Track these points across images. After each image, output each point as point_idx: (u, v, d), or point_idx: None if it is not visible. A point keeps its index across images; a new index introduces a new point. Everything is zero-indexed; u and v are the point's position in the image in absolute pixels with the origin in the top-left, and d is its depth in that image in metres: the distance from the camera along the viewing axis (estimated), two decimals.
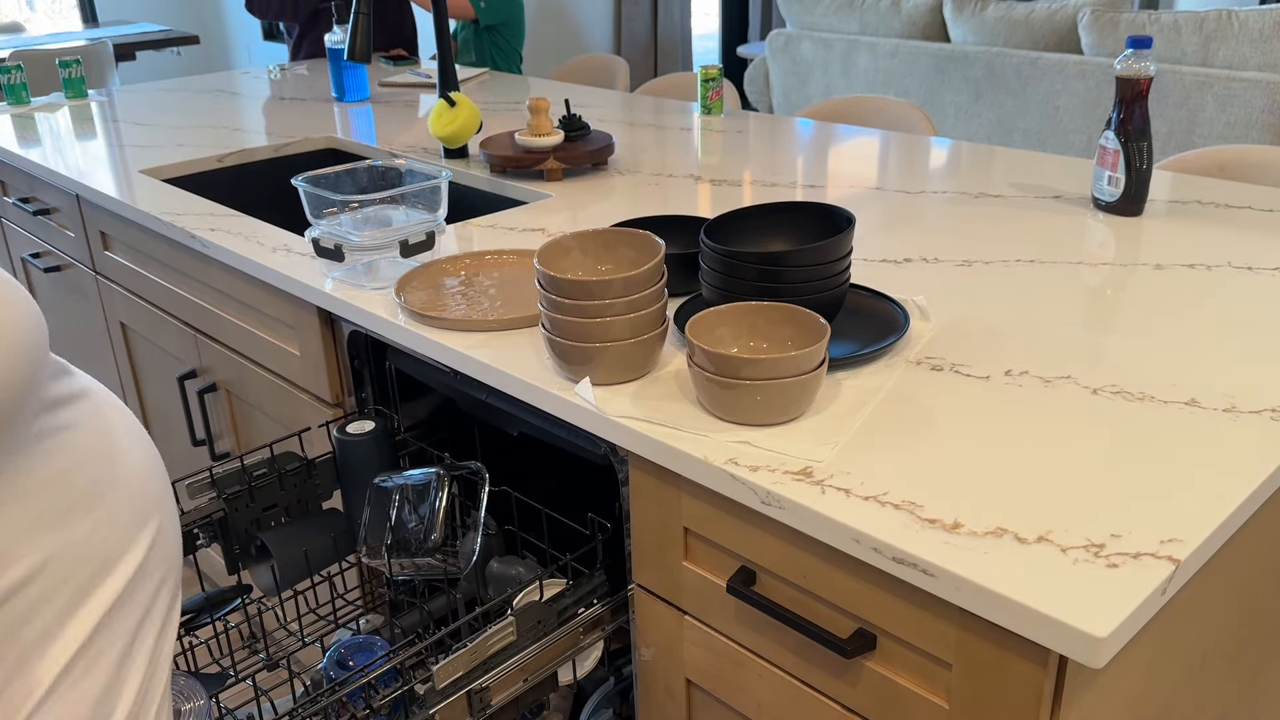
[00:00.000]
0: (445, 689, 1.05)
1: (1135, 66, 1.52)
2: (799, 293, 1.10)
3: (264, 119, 2.49)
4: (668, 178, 1.87)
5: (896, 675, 0.91)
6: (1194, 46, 3.51)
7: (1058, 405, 1.03)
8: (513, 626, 1.09)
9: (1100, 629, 0.74)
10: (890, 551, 0.84)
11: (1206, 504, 0.87)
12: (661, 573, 1.09)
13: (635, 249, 1.16)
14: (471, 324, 1.26)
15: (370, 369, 1.48)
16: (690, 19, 6.54)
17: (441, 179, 1.44)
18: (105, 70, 4.48)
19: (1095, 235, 1.51)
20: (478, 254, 1.46)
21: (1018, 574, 0.79)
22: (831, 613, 0.94)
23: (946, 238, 1.51)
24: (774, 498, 0.92)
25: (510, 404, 1.22)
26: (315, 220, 1.42)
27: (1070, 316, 1.24)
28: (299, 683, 1.21)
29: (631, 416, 1.04)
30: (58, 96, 2.80)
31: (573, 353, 1.09)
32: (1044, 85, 3.91)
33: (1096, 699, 0.84)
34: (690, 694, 1.14)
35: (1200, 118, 3.50)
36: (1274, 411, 1.01)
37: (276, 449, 1.37)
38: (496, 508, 1.41)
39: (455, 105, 1.95)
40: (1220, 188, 1.72)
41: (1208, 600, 0.96)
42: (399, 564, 1.28)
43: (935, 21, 4.33)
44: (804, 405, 1.02)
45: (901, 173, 1.87)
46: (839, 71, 4.65)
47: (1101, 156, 1.59)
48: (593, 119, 2.36)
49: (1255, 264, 1.38)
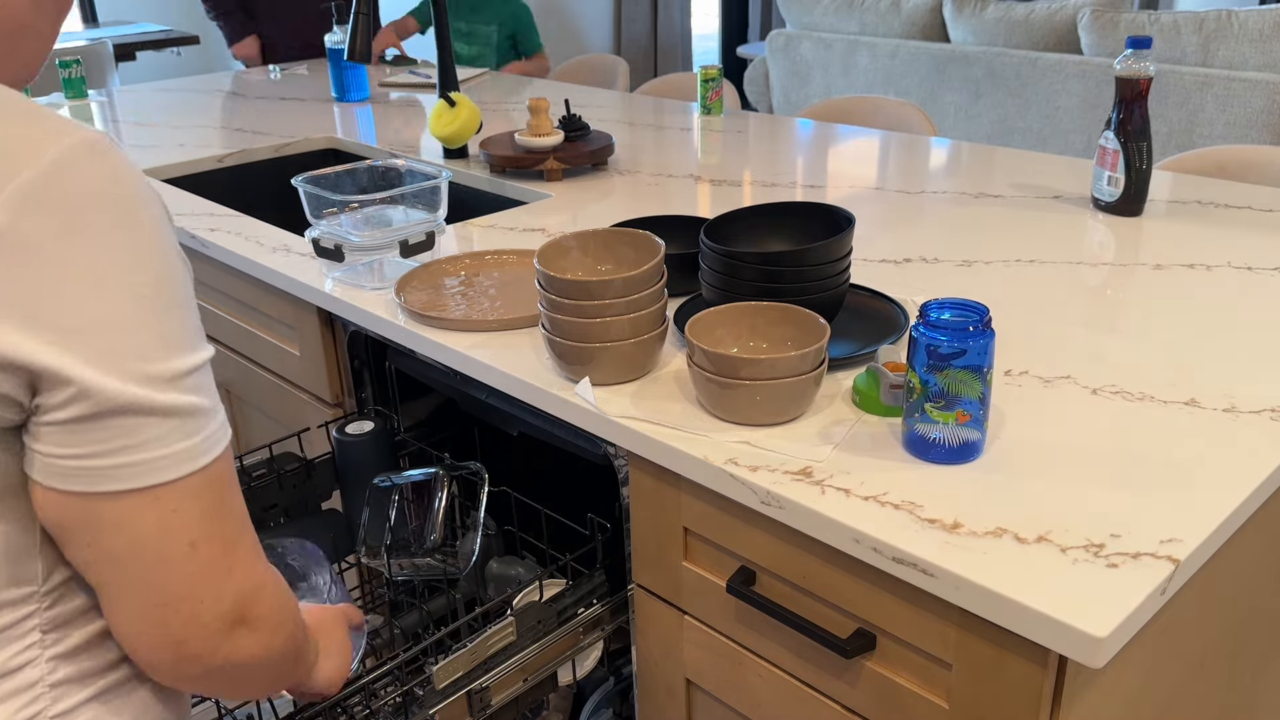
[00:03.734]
0: (445, 689, 1.05)
1: (1135, 67, 1.52)
2: (799, 293, 1.10)
3: (264, 119, 2.49)
4: (668, 178, 1.87)
5: (896, 675, 0.91)
6: (1194, 46, 3.51)
7: (1057, 405, 1.03)
8: (512, 626, 1.09)
9: (1100, 629, 0.74)
10: (890, 551, 0.84)
11: (1206, 504, 0.87)
12: (661, 573, 1.09)
13: (635, 249, 1.16)
14: (471, 324, 1.26)
15: (370, 369, 1.48)
16: (690, 19, 6.54)
17: (441, 179, 1.44)
18: (105, 70, 4.48)
19: (1095, 235, 1.51)
20: (478, 254, 1.46)
21: (1017, 574, 0.79)
22: (831, 613, 0.94)
23: (946, 238, 1.51)
24: (774, 498, 0.91)
25: (510, 404, 1.22)
26: (315, 220, 1.42)
27: (1070, 316, 1.24)
28: None
29: (631, 416, 1.04)
30: (58, 97, 2.80)
31: (573, 353, 1.09)
32: (1044, 85, 3.91)
33: (1096, 699, 0.84)
34: (690, 694, 1.14)
35: (1200, 118, 3.50)
36: (1274, 411, 1.01)
37: (276, 449, 1.37)
38: (496, 508, 1.41)
39: (455, 105, 1.95)
40: (1220, 188, 1.72)
41: (1208, 600, 0.96)
42: (398, 564, 1.28)
43: (935, 22, 4.33)
44: (804, 405, 1.02)
45: (901, 173, 1.87)
46: (839, 71, 4.65)
47: (1101, 156, 1.59)
48: (593, 119, 2.36)
49: (1255, 264, 1.38)
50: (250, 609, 0.72)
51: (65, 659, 0.73)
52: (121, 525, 0.67)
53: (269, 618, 0.74)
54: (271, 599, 0.74)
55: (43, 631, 0.72)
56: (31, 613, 0.71)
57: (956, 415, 0.91)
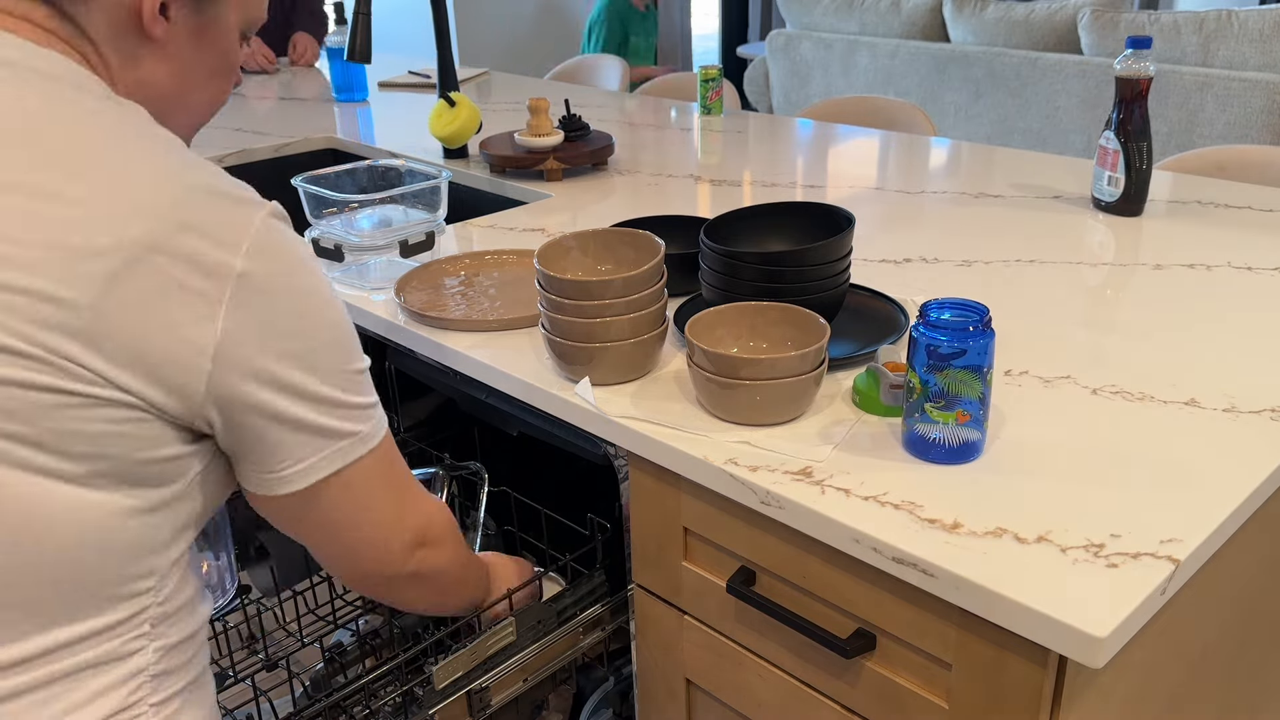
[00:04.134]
0: (445, 689, 1.05)
1: (1135, 67, 1.52)
2: (799, 293, 1.10)
3: (264, 119, 2.49)
4: (668, 178, 1.87)
5: (896, 675, 0.91)
6: (1194, 46, 3.51)
7: (1057, 405, 1.03)
8: (512, 626, 1.09)
9: (1100, 629, 0.74)
10: (890, 551, 0.84)
11: (1206, 504, 0.87)
12: (661, 573, 1.09)
13: (635, 249, 1.16)
14: (471, 324, 1.26)
15: (370, 369, 1.47)
16: (690, 19, 6.54)
17: (441, 179, 1.44)
18: None
19: (1095, 235, 1.51)
20: (478, 254, 1.46)
21: (1017, 574, 0.79)
22: (831, 613, 0.94)
23: (946, 238, 1.51)
24: (774, 498, 0.91)
25: (510, 404, 1.22)
26: (315, 220, 1.42)
27: (1070, 316, 1.24)
28: (298, 683, 1.21)
29: (631, 416, 1.04)
30: None
31: (573, 353, 1.09)
32: (1044, 85, 3.91)
33: (1096, 699, 0.84)
34: (690, 694, 1.14)
35: (1200, 118, 3.51)
36: (1274, 411, 1.01)
37: None
38: (496, 508, 1.41)
39: (455, 105, 1.95)
40: (1220, 188, 1.72)
41: (1207, 600, 0.96)
42: None
43: (935, 22, 4.33)
44: (804, 405, 1.02)
45: (901, 173, 1.87)
46: (839, 71, 4.65)
47: (1101, 156, 1.59)
48: (593, 119, 2.36)
49: (1255, 264, 1.38)
50: (427, 533, 0.92)
51: (167, 652, 0.78)
52: (333, 503, 0.83)
53: (443, 538, 0.95)
54: (441, 524, 0.95)
55: (152, 624, 0.77)
56: (148, 606, 0.77)
57: (956, 415, 0.91)
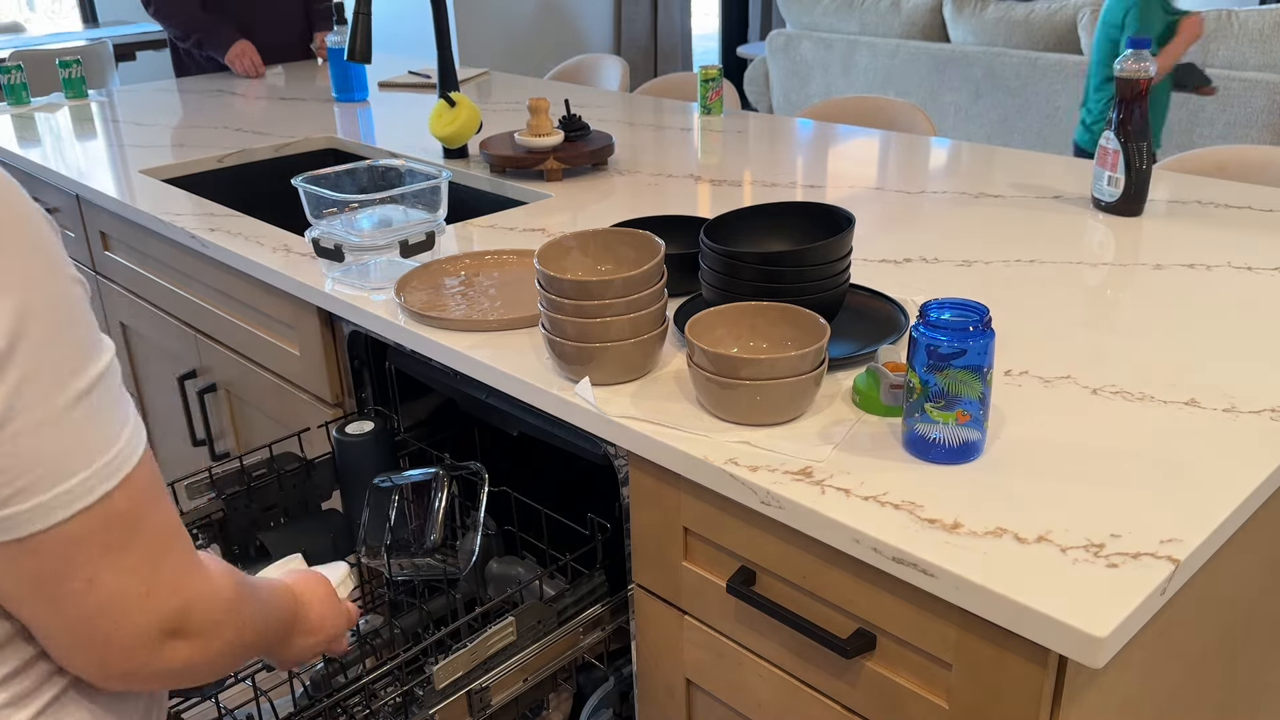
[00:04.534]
0: (445, 689, 1.05)
1: (1135, 66, 1.52)
2: (799, 293, 1.10)
3: (264, 119, 2.49)
4: (667, 178, 1.87)
5: (896, 675, 0.91)
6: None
7: (1057, 405, 1.03)
8: (512, 626, 1.09)
9: (1100, 629, 0.74)
10: (890, 551, 0.84)
11: (1206, 504, 0.87)
12: (661, 573, 1.09)
13: (635, 249, 1.16)
14: (471, 324, 1.26)
15: (370, 369, 1.48)
16: (690, 19, 6.54)
17: (441, 179, 1.44)
18: (105, 70, 4.48)
19: (1095, 235, 1.51)
20: (478, 254, 1.46)
21: (1017, 574, 0.79)
22: (831, 613, 0.94)
23: (946, 238, 1.51)
24: (774, 498, 0.91)
25: (510, 404, 1.22)
26: (315, 220, 1.42)
27: (1070, 316, 1.24)
28: (298, 683, 1.21)
29: (631, 416, 1.04)
30: (58, 97, 2.80)
31: (573, 353, 1.09)
32: (1044, 85, 3.91)
33: (1096, 699, 0.84)
34: (690, 694, 1.14)
35: (1200, 118, 3.51)
36: (1274, 411, 1.01)
37: (276, 449, 1.37)
38: (496, 508, 1.41)
39: (455, 105, 1.95)
40: (1220, 188, 1.72)
41: (1207, 600, 0.96)
42: (398, 564, 1.28)
43: (935, 22, 4.33)
44: (804, 405, 1.02)
45: (901, 173, 1.87)
46: (839, 71, 4.65)
47: (1101, 156, 1.59)
48: (593, 119, 2.36)
49: (1255, 264, 1.38)
50: (184, 622, 0.69)
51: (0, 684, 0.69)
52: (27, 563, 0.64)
53: (206, 629, 0.71)
54: (207, 609, 0.71)
55: None
56: None
57: (956, 415, 0.91)
